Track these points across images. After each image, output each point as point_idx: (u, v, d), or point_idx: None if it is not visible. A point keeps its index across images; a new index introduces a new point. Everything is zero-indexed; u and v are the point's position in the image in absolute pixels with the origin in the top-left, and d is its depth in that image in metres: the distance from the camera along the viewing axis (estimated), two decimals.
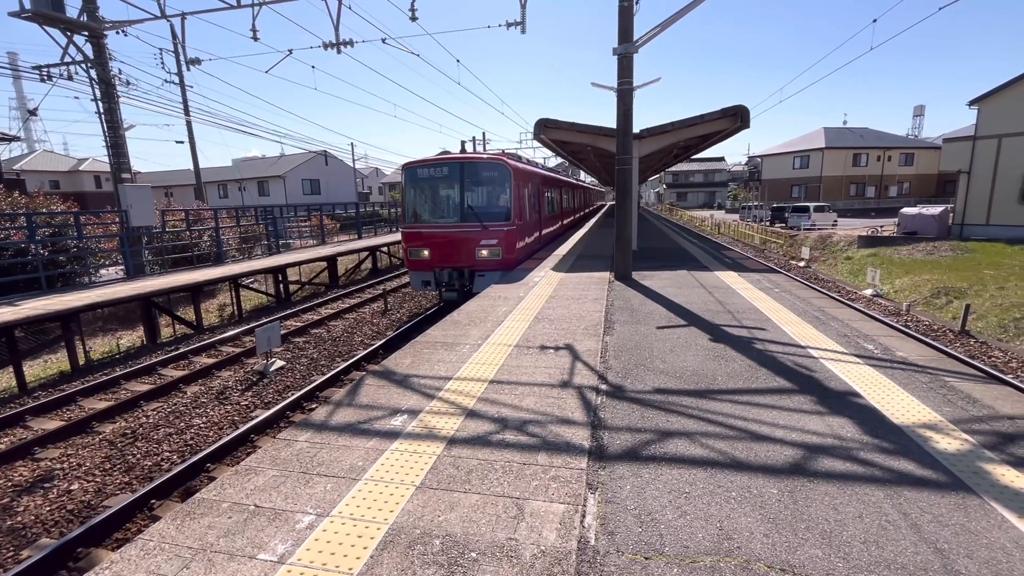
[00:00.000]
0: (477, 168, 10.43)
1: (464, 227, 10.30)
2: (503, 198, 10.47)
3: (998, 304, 11.78)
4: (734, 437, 3.30)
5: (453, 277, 10.50)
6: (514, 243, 10.55)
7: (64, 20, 11.89)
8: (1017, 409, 3.58)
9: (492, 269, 10.27)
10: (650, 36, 8.24)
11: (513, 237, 10.49)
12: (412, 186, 10.83)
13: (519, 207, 10.87)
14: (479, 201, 10.58)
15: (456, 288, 10.47)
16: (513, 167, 10.53)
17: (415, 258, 10.75)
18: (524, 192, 11.48)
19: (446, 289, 10.59)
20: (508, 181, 10.38)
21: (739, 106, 12.32)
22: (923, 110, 75.18)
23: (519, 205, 10.87)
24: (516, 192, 10.57)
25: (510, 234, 10.38)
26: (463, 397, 4.04)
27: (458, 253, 10.38)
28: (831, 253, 22.33)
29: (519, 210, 10.87)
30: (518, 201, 10.74)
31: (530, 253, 12.73)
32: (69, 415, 7.14)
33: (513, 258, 10.62)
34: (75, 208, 14.72)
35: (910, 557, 2.20)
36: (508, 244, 10.33)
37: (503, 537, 2.39)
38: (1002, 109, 20.19)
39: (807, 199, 42.19)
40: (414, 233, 10.72)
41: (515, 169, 10.69)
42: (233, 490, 2.86)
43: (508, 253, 10.37)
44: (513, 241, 10.49)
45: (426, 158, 10.71)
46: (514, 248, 10.60)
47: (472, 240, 10.23)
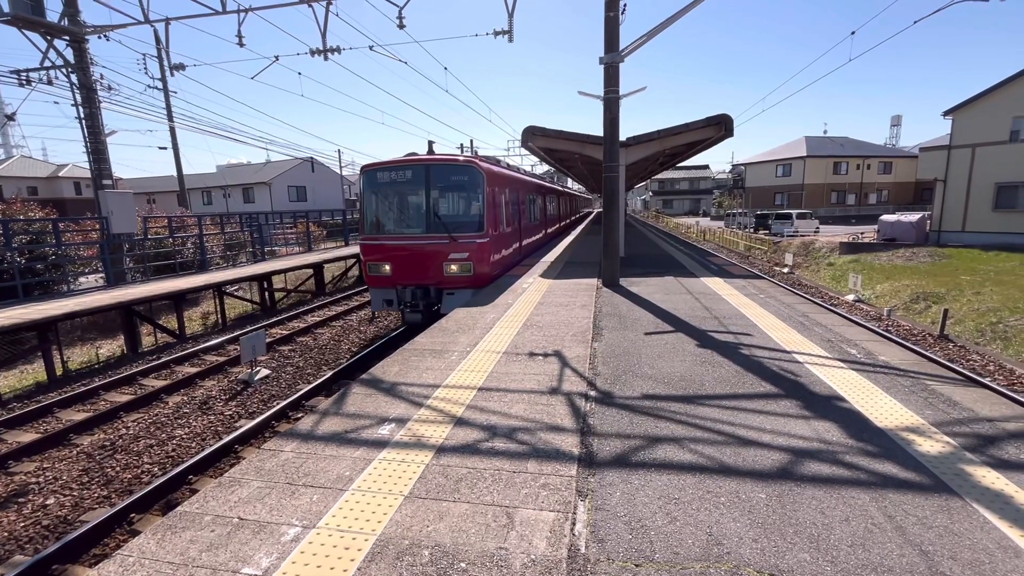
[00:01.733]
0: (444, 171, 9.35)
1: (430, 239, 9.17)
2: (475, 206, 9.41)
3: (975, 309, 12.07)
4: (722, 442, 3.31)
5: (418, 296, 9.32)
6: (488, 256, 9.49)
7: (44, 24, 11.70)
8: (996, 411, 3.66)
9: (463, 286, 9.22)
10: (636, 46, 8.35)
11: (487, 250, 9.41)
12: (371, 191, 9.64)
13: (494, 216, 9.81)
14: (447, 209, 9.56)
15: (420, 309, 9.31)
16: (486, 170, 9.48)
17: (375, 273, 9.53)
18: (500, 199, 10.45)
19: (409, 310, 9.35)
20: (480, 186, 9.29)
21: (723, 115, 12.52)
22: (900, 120, 77.39)
23: (494, 213, 9.83)
24: (490, 199, 9.56)
25: (483, 247, 9.28)
26: (452, 405, 4.01)
27: (423, 268, 9.25)
28: (814, 259, 22.72)
29: (494, 219, 9.81)
30: (492, 209, 9.71)
31: (507, 267, 11.53)
32: (45, 427, 6.94)
33: (487, 274, 9.57)
34: (53, 215, 14.41)
35: (896, 560, 2.22)
36: (481, 258, 9.24)
37: (493, 546, 2.37)
38: (975, 119, 20.82)
39: (790, 206, 42.98)
40: (374, 245, 9.52)
41: (489, 173, 9.64)
42: (216, 502, 2.79)
43: (481, 268, 9.30)
44: (487, 254, 9.42)
45: (387, 160, 9.54)
46: (488, 262, 9.52)
47: (439, 253, 9.14)
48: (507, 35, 12.10)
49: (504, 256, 11.03)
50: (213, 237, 17.77)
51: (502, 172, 11.26)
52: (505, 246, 11.15)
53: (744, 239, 30.01)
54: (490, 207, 9.50)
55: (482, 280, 9.43)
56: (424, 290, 9.38)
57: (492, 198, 9.70)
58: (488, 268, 9.56)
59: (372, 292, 9.87)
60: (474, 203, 9.46)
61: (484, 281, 9.50)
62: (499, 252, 10.46)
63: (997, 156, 20.28)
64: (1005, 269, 15.71)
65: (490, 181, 9.57)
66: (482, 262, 9.31)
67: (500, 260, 10.59)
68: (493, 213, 9.75)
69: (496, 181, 10.14)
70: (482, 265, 9.32)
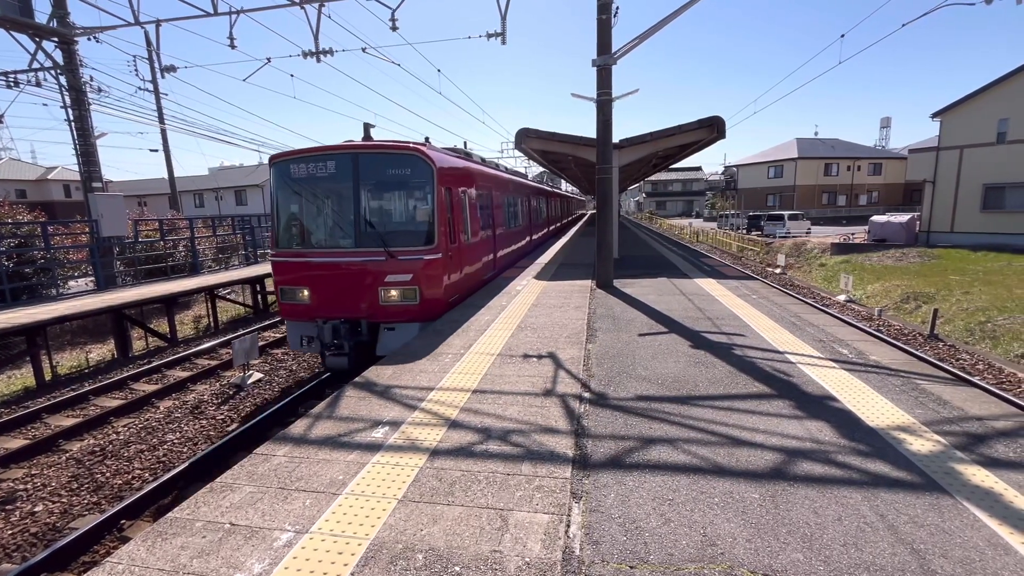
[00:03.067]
0: (378, 163, 7.04)
1: (360, 255, 6.93)
2: (422, 210, 7.23)
3: (964, 308, 12.21)
4: (716, 443, 3.33)
5: (344, 332, 6.92)
6: (440, 277, 7.17)
7: (33, 26, 11.58)
8: (985, 410, 3.70)
9: (406, 319, 6.99)
10: (628, 48, 8.39)
11: (439, 268, 7.12)
12: (284, 191, 7.37)
13: (450, 222, 7.53)
14: (384, 214, 7.37)
15: (346, 352, 6.93)
16: (438, 162, 7.26)
17: (290, 301, 7.24)
18: (461, 200, 8.24)
19: (332, 352, 6.97)
20: (429, 183, 7.05)
21: (715, 117, 12.60)
22: (889, 122, 78.13)
23: (450, 219, 7.55)
24: (444, 199, 7.30)
25: (434, 265, 7.02)
26: (446, 407, 4.00)
27: (352, 295, 6.99)
28: (806, 260, 22.90)
29: (449, 226, 7.51)
30: (448, 213, 7.46)
31: (472, 287, 9.01)
32: (34, 433, 6.85)
33: (440, 300, 7.27)
34: (42, 218, 14.25)
35: (888, 558, 2.24)
36: (430, 279, 7.00)
37: (487, 549, 2.36)
38: (963, 121, 21.08)
39: (782, 207, 43.32)
40: (287, 263, 7.22)
41: (442, 165, 7.39)
42: (207, 508, 2.76)
43: (431, 292, 7.02)
44: (439, 274, 7.13)
45: (304, 148, 7.28)
46: (440, 284, 7.20)
47: (372, 275, 6.88)
48: (500, 37, 12.12)
49: (468, 275, 8.61)
50: (205, 240, 17.64)
51: (464, 166, 8.89)
52: (470, 261, 8.73)
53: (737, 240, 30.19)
54: (443, 210, 7.23)
55: (433, 309, 7.16)
56: (352, 325, 7.04)
57: (448, 199, 7.53)
58: (441, 292, 7.26)
59: (288, 326, 7.61)
60: (420, 205, 7.28)
61: (436, 310, 7.23)
62: (459, 270, 8.04)
63: (984, 157, 20.54)
64: (993, 269, 15.90)
65: (444, 177, 7.35)
66: (432, 285, 7.05)
67: (461, 281, 8.21)
68: (449, 218, 7.51)
69: (454, 177, 7.92)
70: (432, 289, 7.06)
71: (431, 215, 7.13)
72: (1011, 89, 19.72)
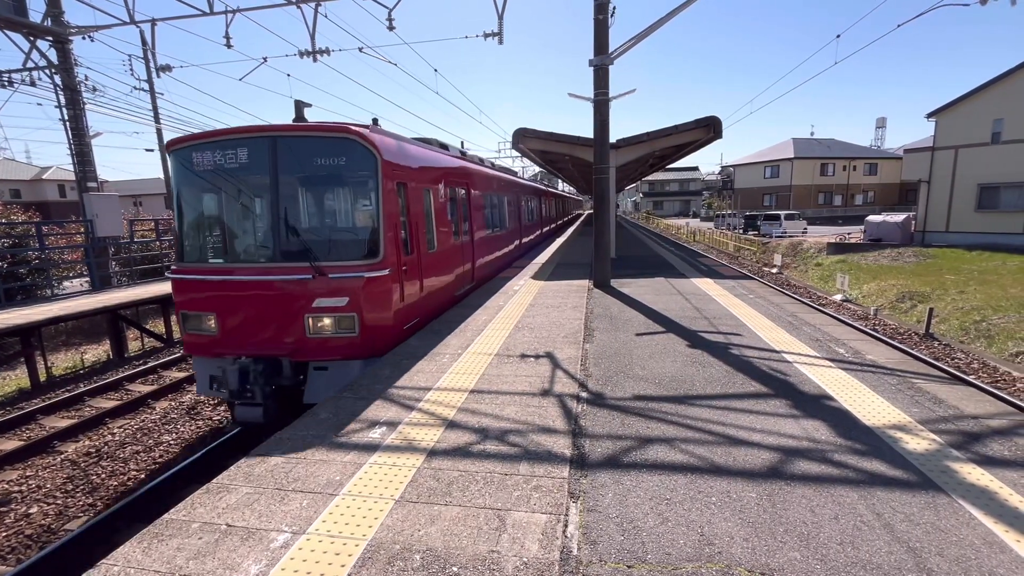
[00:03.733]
0: (304, 151, 5.48)
1: (280, 272, 5.36)
2: (363, 212, 5.73)
3: (959, 308, 12.27)
4: (713, 442, 3.33)
5: (256, 375, 5.28)
6: (387, 299, 5.63)
7: (27, 25, 11.52)
8: (980, 409, 3.72)
9: (342, 355, 5.46)
10: (625, 48, 8.40)
11: (386, 288, 5.58)
12: (186, 187, 5.85)
13: (404, 227, 6.05)
14: (312, 219, 5.86)
15: (260, 401, 5.30)
16: (386, 151, 5.67)
17: (195, 331, 5.67)
18: (423, 199, 6.75)
19: (241, 402, 5.34)
20: (373, 178, 5.51)
21: (711, 117, 12.63)
22: (885, 122, 78.57)
23: (405, 223, 6.07)
24: (397, 199, 5.84)
25: (378, 284, 5.48)
26: (443, 408, 3.99)
27: (270, 325, 5.44)
28: (802, 260, 22.97)
29: (404, 233, 6.02)
30: (400, 215, 5.94)
31: (441, 304, 7.52)
32: (28, 434, 6.81)
33: (388, 328, 5.71)
34: (37, 218, 14.17)
35: (884, 557, 2.25)
36: (374, 302, 5.48)
37: (485, 550, 2.35)
38: (958, 121, 21.19)
39: (778, 207, 43.44)
40: (190, 282, 5.63)
41: (391, 157, 5.80)
42: (204, 509, 2.75)
43: (375, 319, 5.50)
44: (385, 295, 5.60)
45: (210, 131, 5.78)
46: (388, 307, 5.65)
47: (296, 299, 5.34)
48: (497, 37, 12.12)
49: (433, 291, 7.04)
50: None
51: (427, 157, 7.30)
52: (436, 273, 7.16)
53: (733, 240, 30.27)
54: (393, 212, 5.70)
55: (378, 341, 5.59)
56: (270, 364, 5.43)
57: (403, 197, 6.06)
58: (390, 318, 5.71)
59: (196, 364, 5.95)
60: (361, 206, 5.79)
61: (383, 341, 5.66)
62: (417, 286, 6.44)
63: (979, 157, 20.65)
64: (988, 269, 15.99)
65: (394, 169, 5.82)
66: (377, 309, 5.52)
67: (422, 301, 6.61)
68: (403, 222, 6.02)
69: (411, 170, 6.40)
70: (377, 314, 5.52)
71: (375, 218, 5.54)
72: (1005, 89, 19.83)
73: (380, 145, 5.58)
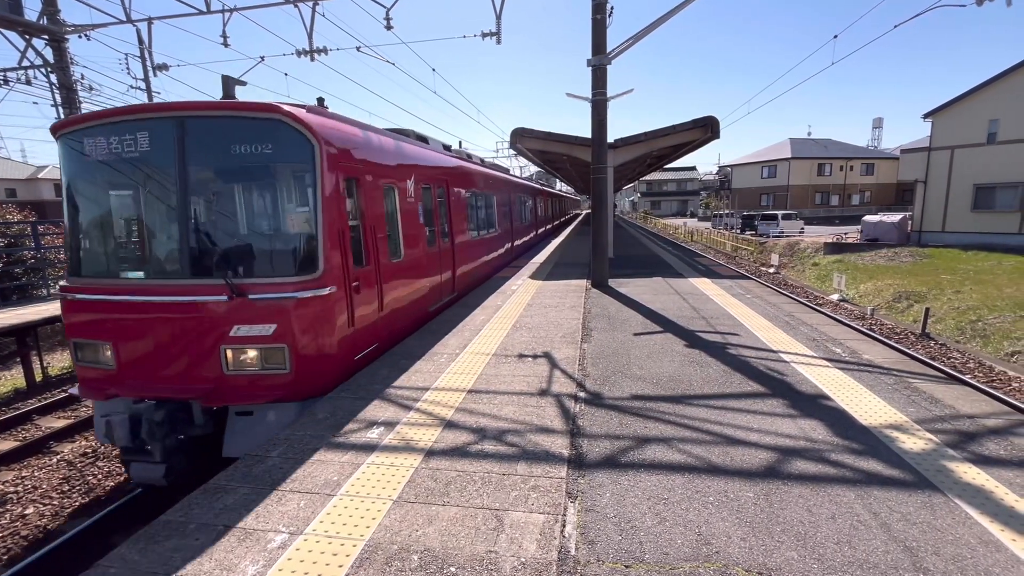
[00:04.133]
0: (220, 136, 4.41)
1: (189, 292, 4.31)
2: (298, 215, 4.60)
3: (955, 307, 12.32)
4: (710, 442, 3.34)
5: (154, 425, 4.16)
6: (330, 324, 4.55)
7: (22, 23, 11.46)
8: (976, 408, 3.73)
9: (272, 396, 4.38)
10: (623, 48, 8.40)
11: (327, 311, 4.50)
12: (77, 180, 4.73)
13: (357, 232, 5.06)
14: (229, 222, 4.63)
15: (160, 458, 4.24)
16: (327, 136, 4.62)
17: (88, 363, 4.61)
18: (380, 196, 5.58)
19: (137, 458, 4.30)
20: (310, 170, 4.47)
21: (709, 117, 12.65)
22: (882, 122, 78.85)
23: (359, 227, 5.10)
24: (342, 197, 4.76)
25: (317, 306, 4.42)
26: (441, 408, 3.99)
27: (177, 358, 4.37)
28: (799, 260, 23.03)
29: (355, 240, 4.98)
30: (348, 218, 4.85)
31: (414, 321, 6.49)
32: (24, 435, 6.78)
33: (332, 361, 4.63)
34: (32, 217, 14.11)
35: (881, 556, 2.25)
36: (311, 329, 4.42)
37: (483, 550, 2.35)
38: (954, 122, 21.27)
39: (775, 207, 43.55)
40: (80, 302, 4.57)
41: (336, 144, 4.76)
42: (201, 510, 2.74)
43: (313, 349, 4.44)
44: (326, 320, 4.51)
45: (106, 110, 4.64)
46: (330, 334, 4.57)
47: (209, 325, 4.28)
48: (495, 37, 12.11)
49: (399, 309, 5.97)
50: None
51: (388, 146, 6.12)
52: (403, 286, 6.10)
53: (731, 240, 30.32)
54: (336, 215, 4.58)
55: (319, 377, 4.50)
56: (177, 409, 4.36)
57: (356, 195, 5.08)
58: (335, 348, 4.61)
59: (96, 407, 4.72)
60: (295, 206, 4.64)
61: (327, 377, 4.57)
62: (375, 306, 5.32)
63: (975, 158, 20.73)
64: (984, 268, 16.05)
65: (341, 159, 4.76)
66: (316, 338, 4.44)
67: (384, 321, 5.54)
68: (349, 227, 4.83)
69: (365, 163, 5.29)
70: (317, 344, 4.45)
71: (313, 222, 4.42)
72: (1001, 90, 19.91)
73: (320, 130, 4.52)
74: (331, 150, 4.63)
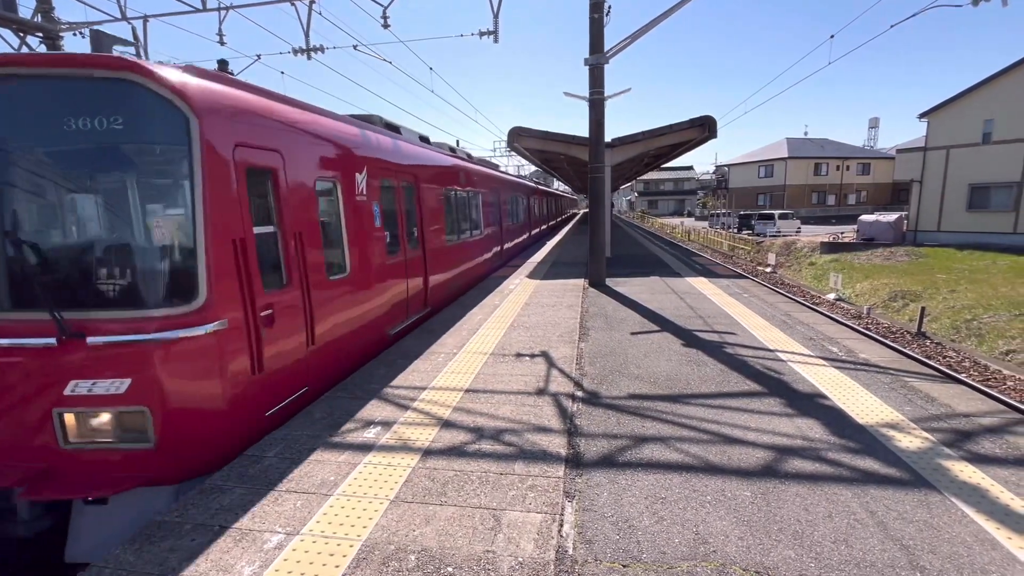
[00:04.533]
0: (46, 103, 3.14)
1: (6, 330, 3.08)
2: (167, 222, 3.31)
3: (950, 307, 12.37)
4: (708, 441, 3.34)
5: None
6: (217, 376, 3.30)
7: (16, 20, 11.38)
8: (971, 407, 3.75)
9: (132, 481, 3.16)
10: (620, 48, 8.40)
11: (213, 358, 3.27)
12: None
13: (252, 243, 3.60)
14: (62, 230, 3.36)
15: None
16: (210, 106, 3.37)
17: None
18: (312, 195, 4.41)
19: None
20: (189, 156, 3.21)
21: (706, 116, 12.67)
22: (878, 122, 79.06)
23: (271, 237, 3.91)
24: (239, 193, 3.51)
25: (196, 351, 3.19)
26: (438, 407, 3.98)
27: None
28: (796, 259, 23.09)
29: (252, 253, 3.58)
30: (249, 224, 3.58)
31: (355, 362, 5.11)
32: None
33: (224, 423, 3.40)
34: None
35: (878, 555, 2.26)
36: (191, 384, 3.25)
37: (480, 550, 2.35)
38: (949, 122, 21.35)
39: (772, 207, 43.66)
40: None
41: (226, 122, 3.48)
42: (196, 510, 2.73)
43: (191, 409, 3.26)
44: (212, 371, 3.28)
45: None
46: (219, 388, 3.32)
47: (36, 381, 3.10)
48: (492, 36, 12.09)
49: (338, 340, 4.73)
50: None
51: (311, 126, 4.62)
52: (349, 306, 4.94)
53: (728, 239, 30.38)
54: (230, 219, 3.44)
55: (204, 449, 3.36)
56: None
57: (271, 191, 3.93)
58: (227, 406, 3.40)
59: None
60: (161, 207, 3.42)
61: (213, 451, 3.38)
62: (300, 339, 4.11)
63: (970, 158, 20.81)
64: (978, 268, 16.13)
65: (237, 142, 3.56)
66: (194, 396, 3.30)
67: (315, 360, 4.32)
68: (253, 236, 3.64)
69: (278, 146, 4.01)
70: (196, 402, 3.31)
71: (191, 230, 3.20)
72: (995, 90, 19.99)
73: (200, 98, 3.28)
74: (221, 128, 3.35)
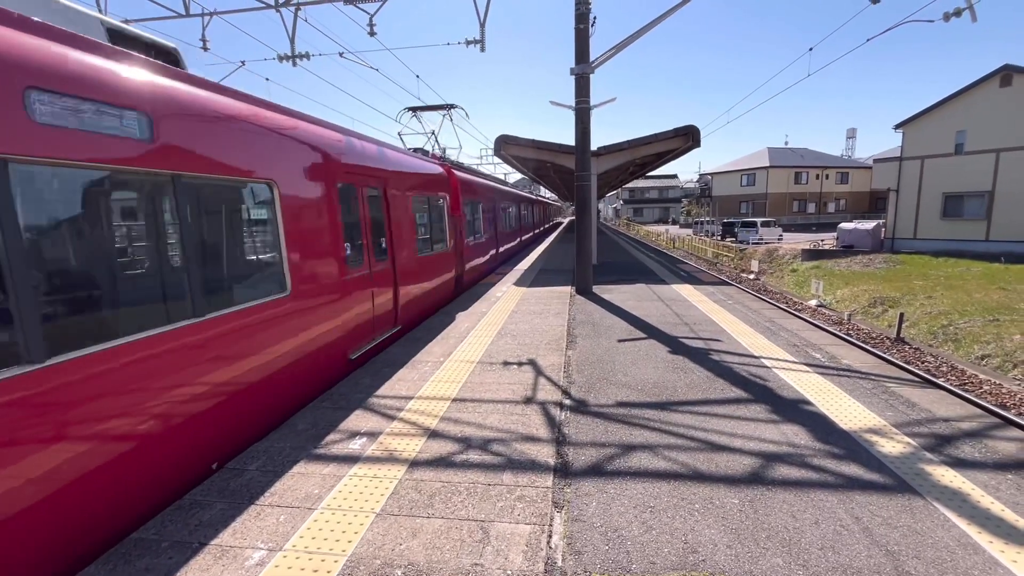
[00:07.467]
0: None
1: None
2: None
3: (928, 312, 12.66)
4: (695, 448, 3.35)
5: None
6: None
7: None
8: (951, 411, 3.82)
9: None
10: (606, 57, 8.50)
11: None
12: None
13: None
14: None
15: None
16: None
17: None
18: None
19: None
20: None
21: (690, 126, 12.86)
22: (855, 132, 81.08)
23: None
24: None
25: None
26: (425, 417, 3.93)
27: None
28: (778, 266, 23.46)
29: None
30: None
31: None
32: None
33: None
34: None
35: (864, 561, 2.27)
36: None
37: (468, 563, 2.31)
38: (924, 133, 21.99)
39: (754, 214, 44.41)
40: None
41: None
42: (175, 527, 2.64)
43: None
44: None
45: None
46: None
47: None
48: (479, 44, 12.15)
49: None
50: None
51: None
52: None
53: (712, 246, 30.77)
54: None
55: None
56: None
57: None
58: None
59: None
60: None
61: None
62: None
63: (944, 167, 21.44)
64: (954, 274, 16.55)
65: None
66: None
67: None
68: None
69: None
70: None
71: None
72: (968, 102, 20.66)
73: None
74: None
